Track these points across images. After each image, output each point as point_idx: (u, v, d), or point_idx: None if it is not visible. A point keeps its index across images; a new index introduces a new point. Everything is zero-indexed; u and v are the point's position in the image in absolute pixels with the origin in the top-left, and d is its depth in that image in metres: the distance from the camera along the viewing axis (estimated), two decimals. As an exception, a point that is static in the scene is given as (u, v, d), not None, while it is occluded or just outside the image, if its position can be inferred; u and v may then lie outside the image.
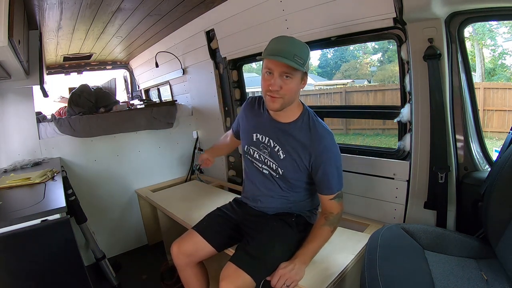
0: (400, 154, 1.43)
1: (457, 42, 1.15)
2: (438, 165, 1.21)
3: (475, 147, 1.24)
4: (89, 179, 2.23)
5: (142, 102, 2.88)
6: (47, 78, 2.27)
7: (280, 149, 1.17)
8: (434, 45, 1.13)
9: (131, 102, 3.01)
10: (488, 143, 1.27)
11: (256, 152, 1.25)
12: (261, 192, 1.27)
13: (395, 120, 1.40)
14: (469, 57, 1.21)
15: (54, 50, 2.62)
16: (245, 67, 2.23)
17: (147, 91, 3.75)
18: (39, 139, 2.05)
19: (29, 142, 2.02)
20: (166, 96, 3.33)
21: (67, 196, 1.70)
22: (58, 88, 3.08)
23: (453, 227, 1.24)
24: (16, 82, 1.88)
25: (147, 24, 2.17)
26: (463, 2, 1.06)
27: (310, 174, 1.17)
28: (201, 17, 2.06)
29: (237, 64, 2.16)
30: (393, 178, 1.42)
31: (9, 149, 1.96)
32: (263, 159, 1.22)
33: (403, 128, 1.42)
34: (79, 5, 1.69)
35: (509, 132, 1.07)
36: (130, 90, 3.83)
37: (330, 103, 7.20)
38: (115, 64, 3.50)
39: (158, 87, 3.42)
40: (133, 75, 3.72)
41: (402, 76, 1.35)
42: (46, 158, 2.02)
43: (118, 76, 3.56)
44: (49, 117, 2.23)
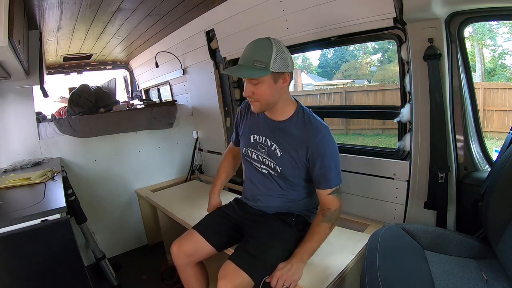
0: (400, 154, 1.43)
1: (457, 42, 1.16)
2: (438, 165, 1.21)
3: (475, 147, 1.24)
4: (89, 179, 2.23)
5: (142, 102, 2.88)
6: (47, 78, 2.27)
7: (277, 147, 1.18)
8: (434, 45, 1.13)
9: (131, 102, 3.01)
10: (488, 143, 1.27)
11: (254, 153, 1.25)
12: (261, 191, 1.27)
13: (395, 120, 1.40)
14: (469, 57, 1.21)
15: (54, 50, 2.62)
16: (245, 67, 2.23)
17: (147, 91, 3.75)
18: (39, 139, 2.05)
19: (29, 142, 2.02)
20: (166, 96, 3.33)
21: (67, 196, 1.70)
22: (58, 88, 3.08)
23: (453, 227, 1.24)
24: (16, 82, 1.88)
25: (147, 24, 2.17)
26: (463, 2, 1.06)
27: (308, 170, 1.17)
28: (201, 17, 2.06)
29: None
30: (393, 178, 1.42)
31: (9, 149, 1.96)
32: (261, 159, 1.23)
33: (403, 128, 1.42)
34: (79, 5, 1.69)
35: (509, 132, 1.07)
36: (130, 90, 3.83)
37: (330, 103, 7.21)
38: (115, 64, 3.49)
39: (158, 87, 3.42)
40: (133, 75, 3.71)
41: (402, 76, 1.35)
42: (46, 158, 2.02)
43: (118, 76, 3.56)
44: (49, 117, 2.23)
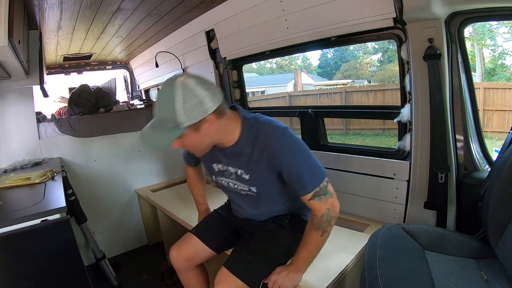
0: (400, 154, 1.43)
1: (457, 42, 1.15)
2: (438, 165, 1.21)
3: (475, 147, 1.24)
4: (89, 179, 2.23)
5: (142, 102, 2.88)
6: (47, 78, 2.27)
7: (243, 172, 1.07)
8: (434, 45, 1.13)
9: (131, 102, 3.02)
10: (488, 143, 1.27)
11: (225, 181, 1.15)
12: (246, 210, 1.20)
13: (395, 120, 1.40)
14: (469, 57, 1.21)
15: (54, 50, 2.62)
16: (245, 67, 2.23)
17: (147, 91, 3.75)
18: (39, 139, 2.05)
19: (29, 142, 2.02)
20: (166, 96, 3.32)
21: (67, 196, 1.70)
22: (58, 88, 3.08)
23: (453, 227, 1.24)
24: (16, 82, 1.88)
25: (147, 24, 2.17)
26: (463, 2, 1.06)
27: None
28: (201, 17, 2.06)
29: (237, 64, 2.16)
30: (393, 178, 1.42)
31: (9, 149, 1.96)
32: (233, 185, 1.13)
33: (403, 128, 1.42)
34: (79, 5, 1.69)
35: (509, 132, 1.07)
36: (130, 90, 3.83)
37: (330, 103, 7.21)
38: (115, 64, 3.49)
39: (158, 87, 3.42)
40: (133, 75, 3.71)
41: (402, 76, 1.35)
42: (46, 158, 2.02)
43: (118, 76, 3.56)
44: (49, 117, 2.23)
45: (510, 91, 4.69)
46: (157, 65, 2.64)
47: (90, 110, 2.28)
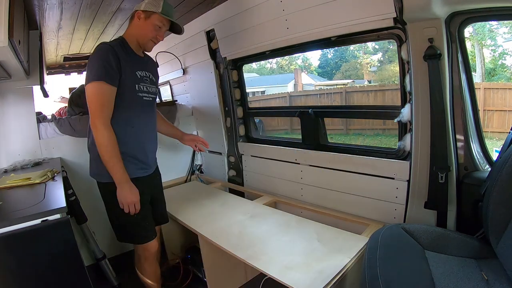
0: (400, 154, 1.43)
1: (457, 42, 1.16)
2: (438, 165, 1.21)
3: (475, 147, 1.24)
4: (89, 179, 2.20)
5: (142, 102, 2.87)
6: (47, 78, 2.27)
7: (151, 75, 1.52)
8: (434, 45, 1.13)
9: (131, 102, 3.01)
10: (488, 143, 1.27)
11: (144, 86, 1.45)
12: (151, 141, 1.61)
13: (395, 120, 1.40)
14: (469, 57, 1.21)
15: (54, 50, 2.62)
16: (245, 67, 2.24)
17: (147, 91, 3.75)
18: (39, 139, 2.05)
19: (29, 142, 2.02)
20: (166, 96, 3.32)
21: (67, 196, 1.70)
22: (58, 88, 3.08)
23: (454, 227, 1.24)
24: (16, 82, 1.88)
25: (147, 24, 2.17)
26: (463, 2, 1.06)
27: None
28: (201, 17, 2.07)
29: (237, 64, 2.16)
30: (393, 178, 1.42)
31: (9, 149, 1.96)
32: (148, 89, 1.47)
33: (403, 128, 1.42)
34: (79, 5, 1.69)
35: (509, 132, 1.07)
36: (130, 90, 3.82)
37: (331, 103, 7.21)
38: (115, 64, 3.49)
39: (158, 87, 3.41)
40: (133, 75, 3.71)
41: (402, 76, 1.35)
42: (46, 158, 2.02)
43: (118, 76, 3.55)
44: (49, 117, 2.22)
45: (510, 91, 4.69)
46: (157, 65, 2.64)
47: (90, 110, 2.27)
